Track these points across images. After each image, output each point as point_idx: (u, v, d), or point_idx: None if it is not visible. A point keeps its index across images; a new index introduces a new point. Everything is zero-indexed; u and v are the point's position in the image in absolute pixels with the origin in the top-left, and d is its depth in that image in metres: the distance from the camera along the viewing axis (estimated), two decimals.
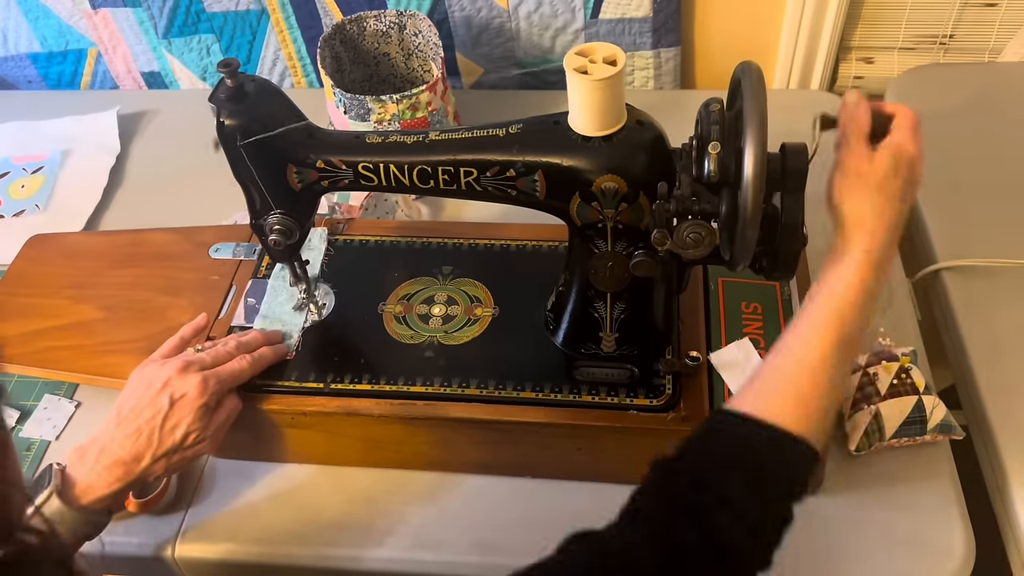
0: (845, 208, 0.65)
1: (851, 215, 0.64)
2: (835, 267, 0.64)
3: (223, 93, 0.71)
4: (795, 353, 0.62)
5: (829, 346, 0.61)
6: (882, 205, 0.64)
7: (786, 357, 0.62)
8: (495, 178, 0.71)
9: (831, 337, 0.61)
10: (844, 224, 0.65)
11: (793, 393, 0.60)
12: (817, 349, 0.61)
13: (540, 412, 0.78)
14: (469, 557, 0.79)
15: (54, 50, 1.35)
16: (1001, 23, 1.19)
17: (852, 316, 0.62)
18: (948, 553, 0.76)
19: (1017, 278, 0.95)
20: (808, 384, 0.60)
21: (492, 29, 1.24)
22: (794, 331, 0.63)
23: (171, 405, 0.74)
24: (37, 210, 1.16)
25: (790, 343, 0.62)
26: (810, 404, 0.59)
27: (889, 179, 0.65)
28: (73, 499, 0.70)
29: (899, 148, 0.65)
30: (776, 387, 0.60)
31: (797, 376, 0.60)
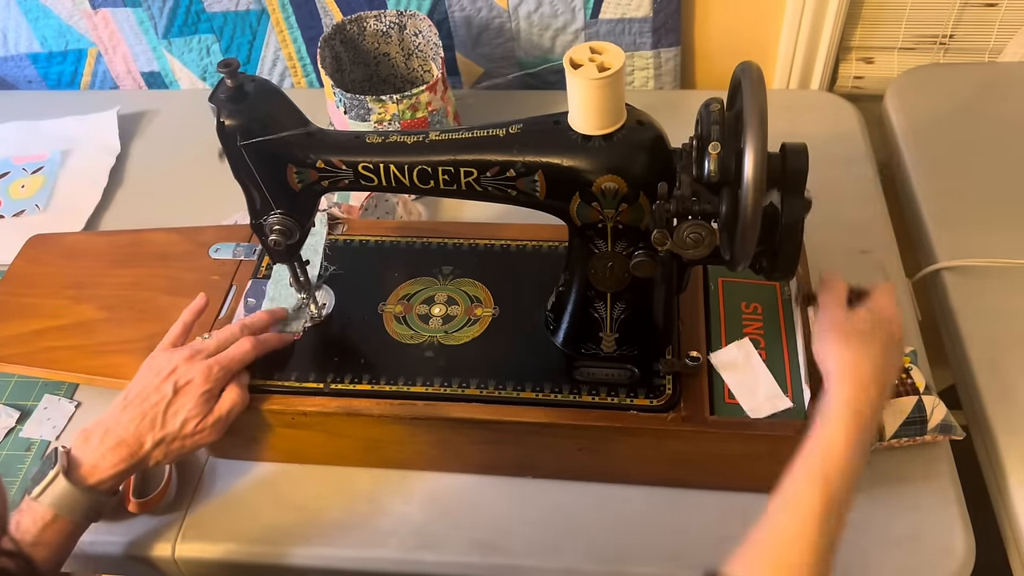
0: (827, 363, 0.67)
1: (830, 369, 0.67)
2: (820, 425, 0.65)
3: (223, 93, 0.71)
4: (785, 523, 0.62)
5: (818, 512, 0.61)
6: (860, 354, 0.66)
7: (776, 527, 0.62)
8: (495, 178, 0.71)
9: (819, 502, 0.61)
10: (827, 378, 0.67)
11: (785, 566, 0.60)
12: (807, 517, 0.61)
13: (540, 412, 0.78)
14: (469, 557, 0.79)
15: (54, 50, 1.35)
16: (1001, 23, 1.19)
17: (839, 475, 0.62)
18: (948, 553, 0.76)
19: (1017, 278, 0.95)
20: (797, 554, 0.60)
21: (492, 29, 1.24)
22: (783, 496, 0.64)
23: (175, 392, 0.75)
24: (37, 210, 1.16)
25: (780, 512, 0.63)
26: (803, 569, 0.60)
27: (867, 332, 0.67)
28: (79, 479, 0.72)
29: (875, 305, 0.69)
30: (768, 559, 0.61)
31: (787, 548, 0.61)
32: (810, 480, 0.62)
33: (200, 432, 0.76)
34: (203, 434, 0.76)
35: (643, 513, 0.81)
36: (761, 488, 0.79)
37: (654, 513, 0.81)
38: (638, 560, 0.78)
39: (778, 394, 0.77)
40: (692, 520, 0.79)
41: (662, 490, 0.81)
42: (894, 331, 0.69)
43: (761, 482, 0.79)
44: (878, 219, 1.05)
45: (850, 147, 1.15)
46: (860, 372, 0.65)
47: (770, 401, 0.76)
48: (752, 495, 0.80)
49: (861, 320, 0.68)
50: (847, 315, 0.69)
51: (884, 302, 0.70)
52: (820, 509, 0.61)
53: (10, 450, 0.89)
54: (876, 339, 0.67)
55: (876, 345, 0.67)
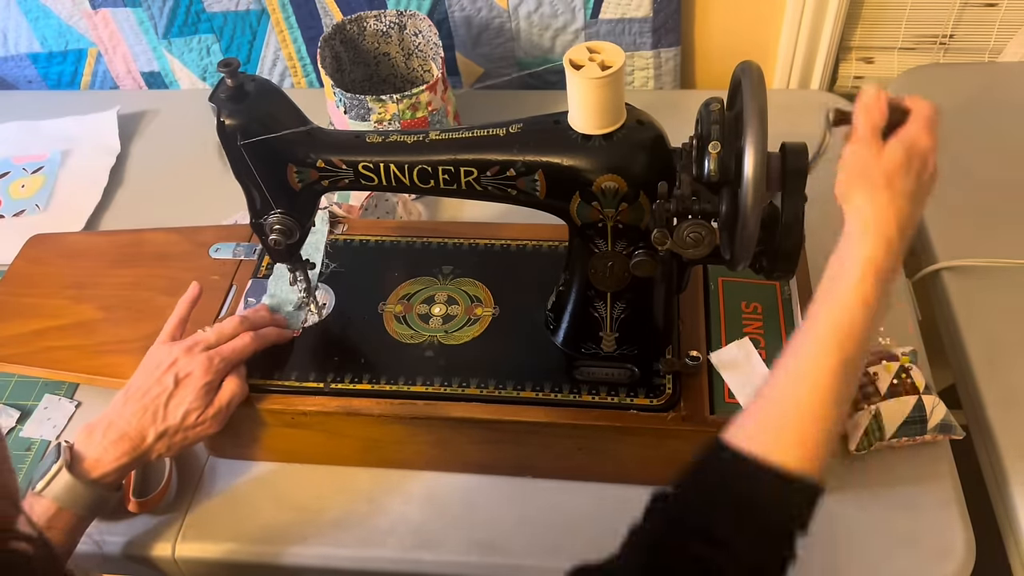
0: (847, 207, 0.60)
1: (853, 216, 0.60)
2: (835, 279, 0.59)
3: (223, 93, 0.71)
4: (795, 385, 0.58)
5: (830, 374, 0.57)
6: (887, 204, 0.59)
7: (786, 388, 0.58)
8: (495, 178, 0.71)
9: (832, 364, 0.57)
10: (847, 227, 0.60)
11: (794, 429, 0.56)
12: (818, 380, 0.57)
13: (540, 412, 0.78)
14: (469, 557, 0.79)
15: (54, 50, 1.35)
16: (1001, 23, 1.19)
17: (853, 337, 0.57)
18: (948, 553, 0.76)
19: (1017, 278, 0.95)
20: (809, 418, 0.56)
21: (492, 29, 1.24)
22: (794, 355, 0.59)
23: (176, 384, 0.76)
24: (37, 210, 1.16)
25: (790, 370, 0.59)
26: (812, 438, 0.56)
27: (898, 175, 0.59)
28: (83, 473, 0.72)
29: (911, 140, 0.60)
30: (776, 422, 0.57)
31: (798, 411, 0.57)
32: (823, 350, 0.57)
33: (202, 424, 0.76)
34: (205, 426, 0.76)
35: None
36: None
37: None
38: None
39: None
40: None
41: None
42: (928, 167, 0.61)
43: None
44: None
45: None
46: (887, 225, 0.58)
47: None
48: None
49: (894, 160, 0.59)
50: (879, 153, 0.60)
51: (921, 129, 0.61)
52: (833, 373, 0.56)
53: (10, 450, 0.89)
54: (908, 183, 0.59)
55: (907, 191, 0.59)
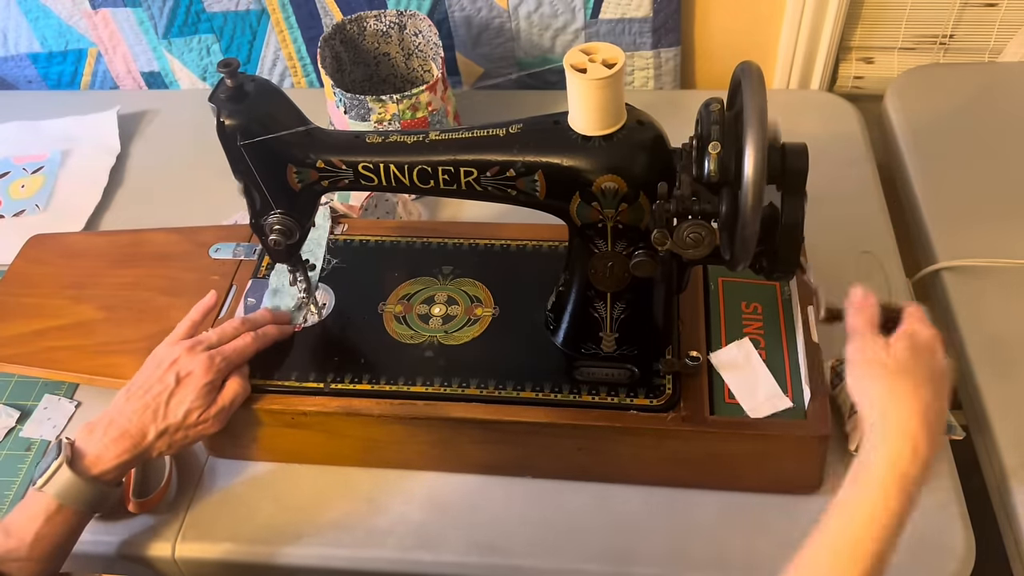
0: (865, 406, 0.58)
1: (871, 415, 0.57)
2: (856, 485, 0.55)
3: (223, 93, 0.71)
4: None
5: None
6: (906, 403, 0.56)
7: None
8: (495, 178, 0.71)
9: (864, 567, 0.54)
10: (872, 420, 0.57)
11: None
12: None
13: (540, 412, 0.78)
14: (469, 557, 0.79)
15: (54, 50, 1.35)
16: (1001, 23, 1.19)
17: (881, 548, 0.54)
18: (948, 553, 0.76)
19: (1017, 278, 0.95)
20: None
21: (492, 29, 1.24)
22: (813, 553, 0.56)
23: (177, 383, 0.76)
24: (37, 210, 1.16)
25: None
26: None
27: (911, 363, 0.58)
28: (83, 470, 0.72)
29: (913, 331, 0.60)
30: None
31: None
32: (852, 558, 0.54)
33: (203, 423, 0.76)
34: (206, 424, 0.77)
35: (643, 513, 0.81)
36: (761, 488, 0.80)
37: (654, 513, 0.81)
38: (638, 560, 0.77)
39: (778, 394, 0.77)
40: (692, 520, 0.79)
41: (662, 490, 0.81)
42: (937, 358, 0.59)
43: (761, 482, 0.80)
44: (878, 219, 1.05)
45: (850, 147, 1.15)
46: (908, 423, 0.55)
47: (770, 401, 0.76)
48: (752, 495, 0.80)
49: (901, 354, 0.58)
50: (884, 346, 0.60)
51: (919, 325, 0.61)
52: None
53: (10, 450, 0.89)
54: (921, 377, 0.57)
55: (923, 385, 0.57)
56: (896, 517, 0.55)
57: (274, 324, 0.84)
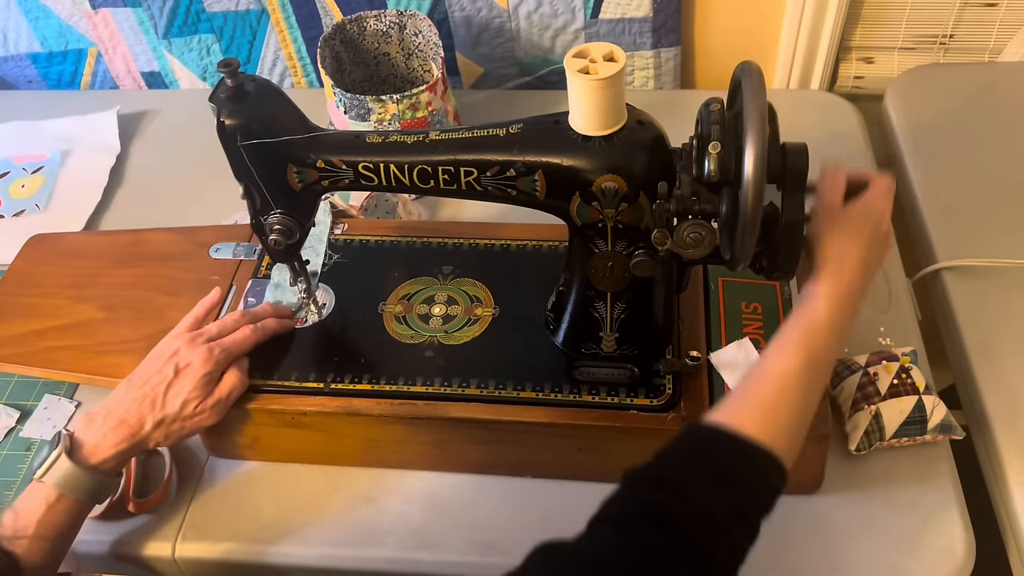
0: (816, 248, 0.68)
1: (821, 253, 0.68)
2: (805, 304, 0.67)
3: (223, 93, 0.71)
4: (764, 371, 0.64)
5: (795, 366, 0.63)
6: (848, 243, 0.68)
7: (756, 376, 0.64)
8: (495, 178, 0.71)
9: (798, 358, 0.63)
10: (814, 261, 0.68)
11: (759, 406, 0.62)
12: (782, 368, 0.63)
13: (540, 412, 0.78)
14: (469, 557, 0.79)
15: (54, 50, 1.35)
16: (1001, 23, 1.19)
17: (819, 343, 0.64)
18: (948, 553, 0.76)
19: (1017, 278, 0.95)
20: (773, 397, 0.62)
21: (492, 29, 1.24)
22: (763, 354, 0.66)
23: (176, 374, 0.77)
24: (37, 210, 1.16)
25: (761, 363, 0.65)
26: (776, 418, 0.61)
27: (857, 224, 0.69)
28: (82, 459, 0.73)
29: (868, 201, 0.70)
30: (745, 401, 0.63)
31: (763, 391, 0.63)
32: (794, 344, 0.64)
33: (200, 414, 0.77)
34: (203, 416, 0.77)
35: None
36: None
37: None
38: None
39: None
40: None
41: None
42: (882, 223, 0.71)
43: None
44: None
45: (850, 147, 1.15)
46: (847, 258, 0.67)
47: None
48: None
49: (853, 212, 0.70)
50: (841, 206, 0.70)
51: (878, 196, 0.71)
52: (798, 367, 0.63)
53: (10, 450, 0.89)
54: (865, 229, 0.69)
55: (864, 235, 0.69)
56: (834, 324, 0.65)
57: (275, 315, 0.85)
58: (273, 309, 0.86)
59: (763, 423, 0.60)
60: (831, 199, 0.71)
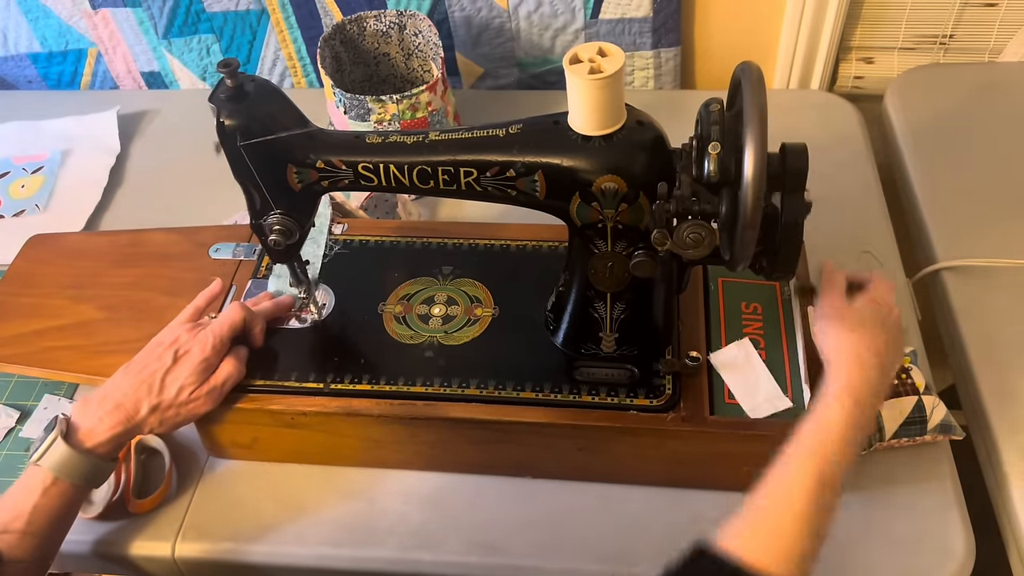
0: (827, 346, 0.68)
1: (829, 354, 0.67)
2: (817, 408, 0.66)
3: (223, 93, 0.71)
4: (778, 498, 0.62)
5: (809, 491, 0.62)
6: (860, 338, 0.67)
7: (770, 501, 0.63)
8: (495, 178, 0.71)
9: (811, 482, 0.62)
10: (827, 360, 0.68)
11: (776, 538, 0.60)
12: (799, 495, 0.62)
13: (540, 412, 0.78)
14: (469, 557, 0.79)
15: (54, 50, 1.35)
16: (1001, 23, 1.19)
17: (832, 457, 0.63)
18: (948, 553, 0.76)
19: (1017, 278, 0.95)
20: (791, 530, 0.61)
21: (492, 29, 1.24)
22: (778, 473, 0.64)
23: (175, 360, 0.77)
24: (37, 210, 1.16)
25: (774, 486, 0.63)
26: (793, 549, 0.60)
27: (867, 317, 0.68)
28: (77, 443, 0.74)
29: (876, 295, 0.71)
30: (760, 531, 0.61)
31: (780, 522, 0.61)
32: (806, 456, 0.63)
33: (195, 400, 0.77)
34: (197, 403, 0.77)
35: (643, 513, 0.81)
36: None
37: (654, 513, 0.81)
38: (638, 560, 0.78)
39: (778, 394, 0.77)
40: (692, 520, 0.79)
41: (662, 490, 0.81)
42: (893, 316, 0.70)
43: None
44: (878, 219, 1.05)
45: (850, 147, 1.15)
46: (860, 357, 0.66)
47: (770, 401, 0.76)
48: None
49: (861, 306, 0.69)
50: (849, 305, 0.70)
51: (882, 291, 0.71)
52: (813, 485, 0.62)
53: (10, 450, 0.89)
54: (876, 324, 0.68)
55: (876, 330, 0.68)
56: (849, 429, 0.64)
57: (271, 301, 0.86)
58: (271, 296, 0.87)
59: (781, 558, 0.59)
60: (834, 298, 0.70)
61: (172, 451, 0.86)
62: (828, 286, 0.72)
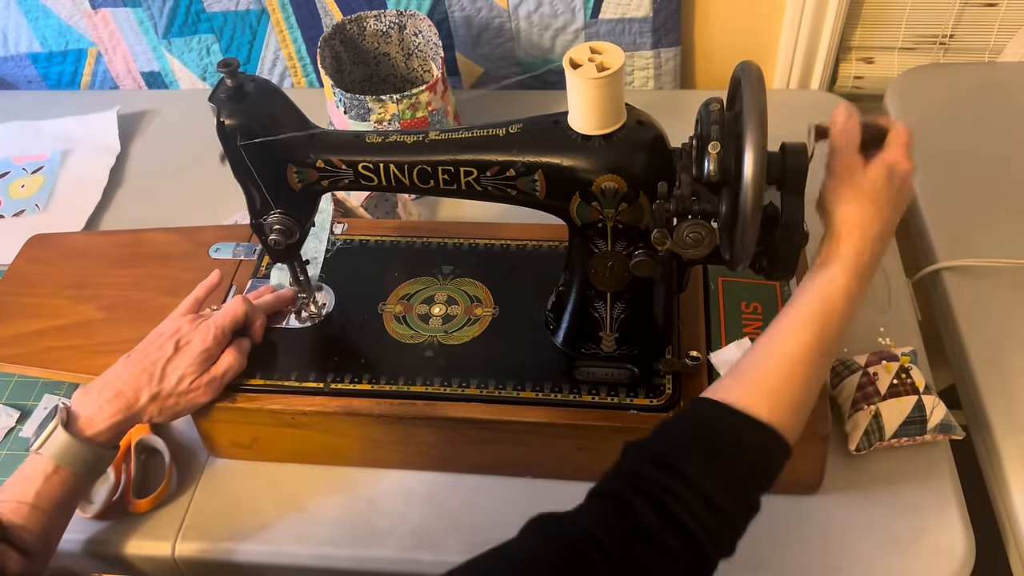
0: (836, 213, 0.66)
1: (842, 220, 0.65)
2: (823, 268, 0.65)
3: (223, 93, 0.71)
4: (774, 346, 0.63)
5: (807, 342, 0.62)
6: (873, 214, 0.65)
7: (765, 349, 0.63)
8: (495, 178, 0.71)
9: (809, 333, 0.62)
10: (834, 228, 0.66)
11: (767, 384, 0.61)
12: (794, 344, 0.62)
13: (540, 412, 0.78)
14: (468, 557, 0.79)
15: (54, 50, 1.35)
16: (1001, 23, 1.19)
17: (833, 317, 0.63)
18: (948, 553, 0.76)
19: (1017, 278, 0.95)
20: (783, 376, 0.61)
21: (492, 29, 1.24)
22: (776, 325, 0.64)
23: (176, 350, 0.78)
24: (37, 210, 1.16)
25: (771, 335, 0.64)
26: (783, 396, 0.60)
27: (881, 190, 0.66)
28: (78, 431, 0.74)
29: (893, 161, 0.66)
30: (751, 377, 0.62)
31: (772, 368, 0.61)
32: (807, 315, 0.63)
33: (195, 390, 0.77)
34: (197, 392, 0.78)
35: None
36: None
37: None
38: None
39: None
40: None
41: None
42: (907, 188, 0.67)
43: None
44: None
45: None
46: (870, 231, 0.64)
47: None
48: None
49: (876, 175, 0.65)
50: (863, 169, 0.66)
51: (899, 154, 0.67)
52: (810, 343, 0.62)
53: (10, 450, 0.89)
54: (889, 200, 0.66)
55: (889, 204, 0.66)
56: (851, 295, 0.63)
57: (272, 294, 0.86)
58: (272, 289, 0.87)
59: (771, 402, 0.59)
60: (849, 155, 0.66)
61: (172, 451, 0.86)
62: (842, 138, 0.67)
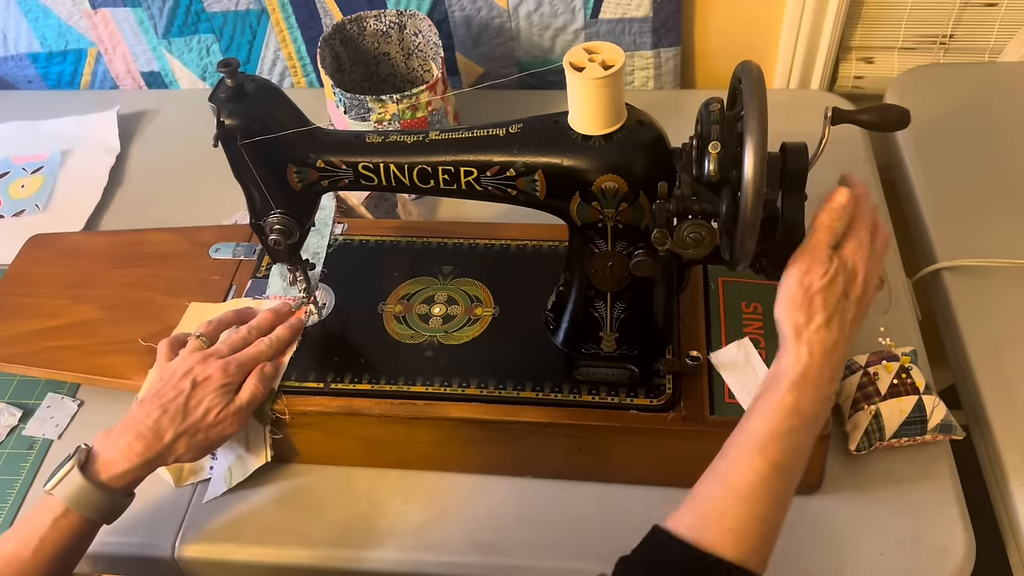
0: (781, 322, 0.64)
1: (785, 332, 0.63)
2: (771, 384, 0.62)
3: (223, 93, 0.71)
4: (730, 481, 0.61)
5: (760, 470, 0.60)
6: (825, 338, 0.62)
7: (721, 483, 0.61)
8: (495, 178, 0.71)
9: (763, 460, 0.60)
10: (782, 340, 0.64)
11: (730, 521, 0.59)
12: (751, 475, 0.60)
13: (540, 412, 0.78)
14: (469, 557, 0.79)
15: (54, 50, 1.35)
16: (1001, 23, 1.19)
17: (786, 438, 0.61)
18: (948, 553, 0.76)
19: (1017, 278, 0.95)
20: (743, 514, 0.59)
21: (492, 29, 1.24)
22: (728, 453, 0.62)
23: (194, 387, 0.76)
24: (37, 210, 1.16)
25: (725, 468, 0.62)
26: (747, 531, 0.59)
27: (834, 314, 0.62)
28: (93, 473, 0.72)
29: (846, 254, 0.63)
30: (712, 514, 0.60)
31: (731, 505, 0.60)
32: (756, 445, 0.61)
33: (222, 422, 0.76)
34: (225, 424, 0.76)
35: (643, 513, 0.80)
36: None
37: (654, 513, 0.80)
38: None
39: None
40: None
41: (662, 490, 0.81)
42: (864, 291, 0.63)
43: None
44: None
45: (850, 147, 1.15)
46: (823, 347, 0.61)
47: None
48: None
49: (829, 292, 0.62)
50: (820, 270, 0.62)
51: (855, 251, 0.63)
52: (764, 475, 0.60)
53: (12, 448, 0.89)
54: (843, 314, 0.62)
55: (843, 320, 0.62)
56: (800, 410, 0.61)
57: (282, 325, 0.84)
58: (275, 316, 0.85)
59: (736, 539, 0.58)
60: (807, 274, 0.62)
61: None
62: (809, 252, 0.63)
